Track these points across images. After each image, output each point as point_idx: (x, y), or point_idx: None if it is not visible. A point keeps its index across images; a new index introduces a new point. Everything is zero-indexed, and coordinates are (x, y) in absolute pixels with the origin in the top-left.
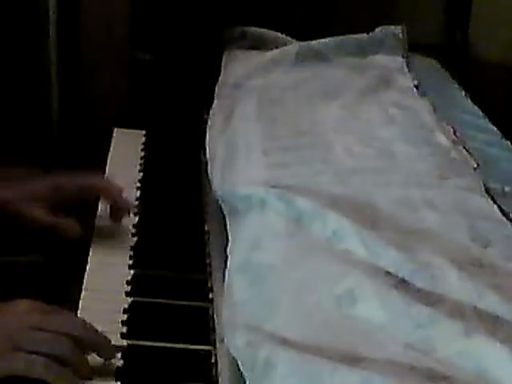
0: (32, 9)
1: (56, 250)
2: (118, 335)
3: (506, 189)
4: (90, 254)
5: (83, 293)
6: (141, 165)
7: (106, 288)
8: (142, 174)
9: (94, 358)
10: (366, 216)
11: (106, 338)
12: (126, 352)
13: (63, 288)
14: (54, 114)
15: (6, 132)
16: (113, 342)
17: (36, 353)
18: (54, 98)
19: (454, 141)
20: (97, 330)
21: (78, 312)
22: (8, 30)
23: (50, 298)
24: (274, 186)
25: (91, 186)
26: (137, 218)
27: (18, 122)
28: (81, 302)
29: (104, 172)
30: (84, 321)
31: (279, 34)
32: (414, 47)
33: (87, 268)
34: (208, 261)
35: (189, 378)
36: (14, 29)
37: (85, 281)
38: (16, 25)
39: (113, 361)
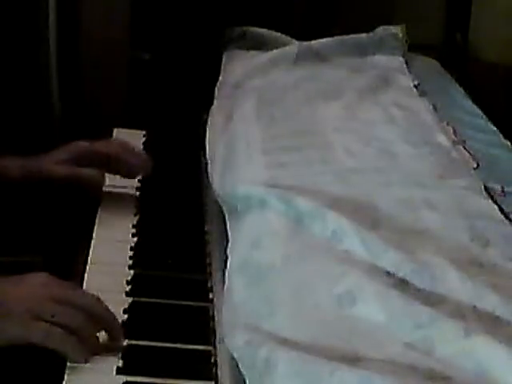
0: (32, 9)
1: (56, 250)
2: None
3: (506, 189)
4: (90, 253)
5: None
6: None
7: (106, 288)
8: None
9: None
10: (366, 216)
11: (116, 318)
12: (126, 352)
13: None
14: (54, 114)
15: (6, 132)
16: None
17: (54, 324)
18: (54, 97)
19: (454, 141)
20: (109, 309)
21: None
22: (8, 29)
23: None
24: (273, 186)
25: (101, 149)
26: (137, 218)
27: (18, 122)
28: None
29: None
30: (98, 298)
31: (279, 34)
32: (413, 47)
33: (87, 268)
34: (208, 261)
35: (189, 378)
36: (14, 29)
37: (85, 281)
38: (16, 25)
39: (113, 361)
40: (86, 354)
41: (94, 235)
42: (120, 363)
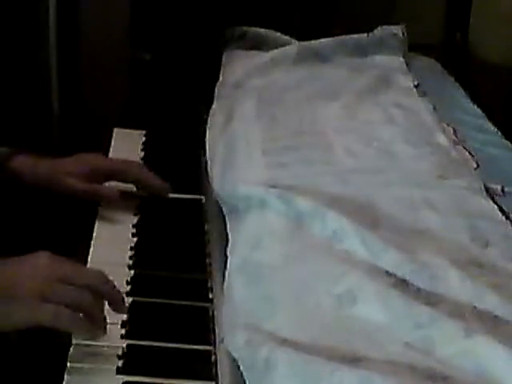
0: (32, 9)
1: (56, 250)
2: (118, 335)
3: (506, 189)
4: (90, 253)
5: None
6: None
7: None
8: None
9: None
10: (366, 216)
11: (120, 292)
12: (127, 352)
13: None
14: (54, 114)
15: (6, 132)
16: (112, 342)
17: (61, 304)
18: (54, 97)
19: (454, 141)
20: (113, 284)
21: None
22: (8, 30)
23: None
24: (273, 186)
25: (115, 166)
26: (137, 218)
27: (17, 122)
28: None
29: None
30: (101, 272)
31: (279, 34)
32: (413, 47)
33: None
34: (208, 261)
35: (189, 378)
36: (14, 29)
37: None
38: (16, 25)
39: (113, 361)
40: (95, 332)
41: (94, 235)
42: (120, 363)
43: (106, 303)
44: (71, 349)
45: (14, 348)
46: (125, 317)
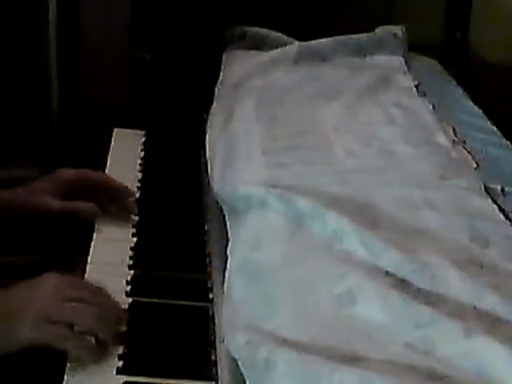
0: (32, 9)
1: (56, 250)
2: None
3: (506, 189)
4: (90, 253)
5: None
6: (141, 165)
7: (106, 288)
8: (141, 174)
9: None
10: (366, 216)
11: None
12: (127, 352)
13: None
14: (53, 114)
15: (6, 132)
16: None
17: (68, 324)
18: (53, 97)
19: (454, 141)
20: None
21: None
22: (8, 30)
23: None
24: (273, 186)
25: (91, 176)
26: (137, 218)
27: (17, 122)
28: None
29: (104, 172)
30: (106, 292)
31: (279, 34)
32: (413, 47)
33: (87, 268)
34: (208, 261)
35: (189, 378)
36: (14, 29)
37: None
38: (16, 25)
39: (113, 361)
40: (100, 355)
41: (94, 235)
42: (120, 363)
43: None
44: None
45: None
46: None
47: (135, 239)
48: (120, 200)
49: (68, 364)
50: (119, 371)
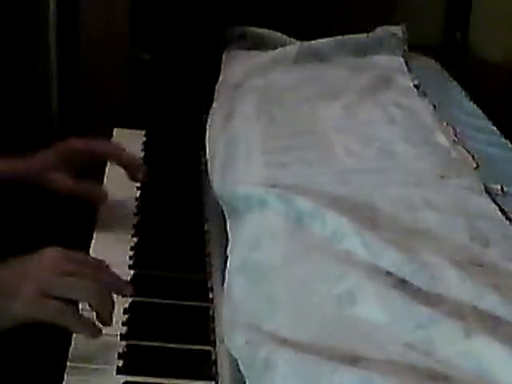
0: (32, 9)
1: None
2: (118, 336)
3: (506, 189)
4: (90, 253)
5: None
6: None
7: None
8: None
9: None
10: (366, 216)
11: (124, 282)
12: (127, 352)
13: None
14: (53, 114)
15: (6, 131)
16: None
17: (65, 299)
18: (53, 97)
19: (454, 141)
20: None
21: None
22: (8, 29)
23: None
24: (273, 186)
25: (99, 147)
26: (137, 218)
27: (17, 122)
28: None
29: (104, 172)
30: (106, 264)
31: (279, 34)
32: (413, 47)
33: None
34: (208, 261)
35: (189, 378)
36: (14, 29)
37: None
38: (16, 25)
39: (113, 361)
40: (97, 331)
41: (94, 235)
42: (120, 363)
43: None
44: (71, 349)
45: (14, 348)
46: (125, 317)
47: (135, 239)
48: (129, 170)
49: (68, 364)
50: (119, 371)
